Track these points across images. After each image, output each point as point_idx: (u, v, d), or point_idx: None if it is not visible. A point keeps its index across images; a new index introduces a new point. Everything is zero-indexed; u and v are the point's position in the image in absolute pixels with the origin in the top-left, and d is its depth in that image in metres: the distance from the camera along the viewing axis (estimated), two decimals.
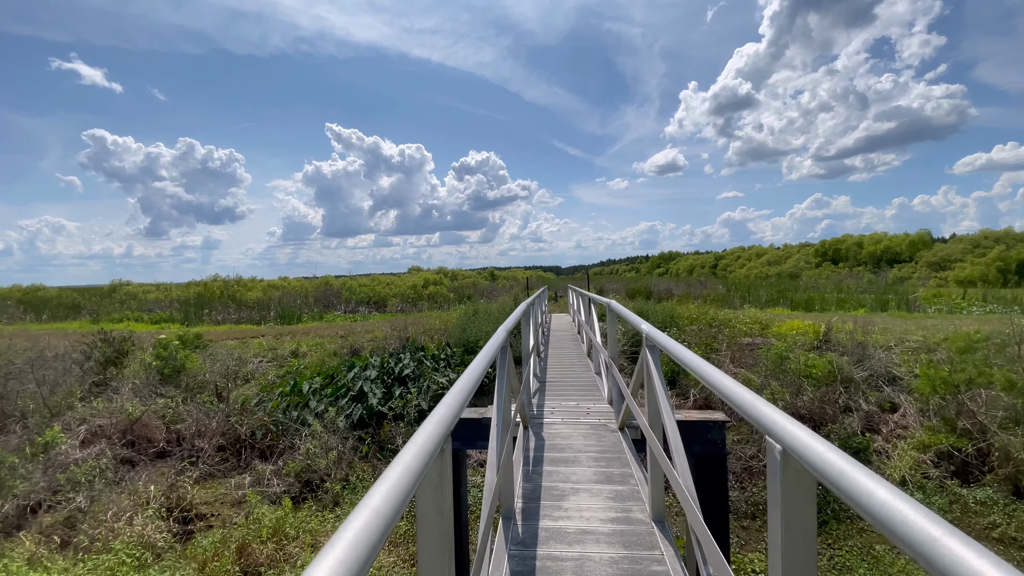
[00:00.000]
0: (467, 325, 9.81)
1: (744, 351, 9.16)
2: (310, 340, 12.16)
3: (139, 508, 5.73)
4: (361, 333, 12.97)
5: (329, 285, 31.14)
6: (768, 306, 18.41)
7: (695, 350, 9.27)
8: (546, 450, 3.87)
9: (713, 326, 10.31)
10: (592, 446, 3.94)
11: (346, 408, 7.61)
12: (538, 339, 7.43)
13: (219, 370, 9.34)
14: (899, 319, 13.90)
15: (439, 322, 12.54)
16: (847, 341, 9.26)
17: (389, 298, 26.41)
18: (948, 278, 35.77)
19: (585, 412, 4.85)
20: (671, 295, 26.12)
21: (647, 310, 10.08)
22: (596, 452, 3.81)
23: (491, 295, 27.80)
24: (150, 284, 32.24)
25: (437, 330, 11.85)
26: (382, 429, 7.58)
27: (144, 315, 21.38)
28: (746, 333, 10.07)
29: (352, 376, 8.34)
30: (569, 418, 4.68)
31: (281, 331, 15.29)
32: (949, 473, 6.74)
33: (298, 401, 8.10)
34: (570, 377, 6.46)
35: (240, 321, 21.78)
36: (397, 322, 14.47)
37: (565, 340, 9.76)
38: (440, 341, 10.13)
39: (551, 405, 5.12)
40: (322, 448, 6.81)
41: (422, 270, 48.07)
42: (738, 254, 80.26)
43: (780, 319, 11.86)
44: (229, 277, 34.86)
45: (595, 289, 27.58)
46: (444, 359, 9.11)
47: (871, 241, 53.58)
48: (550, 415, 4.78)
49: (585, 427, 4.40)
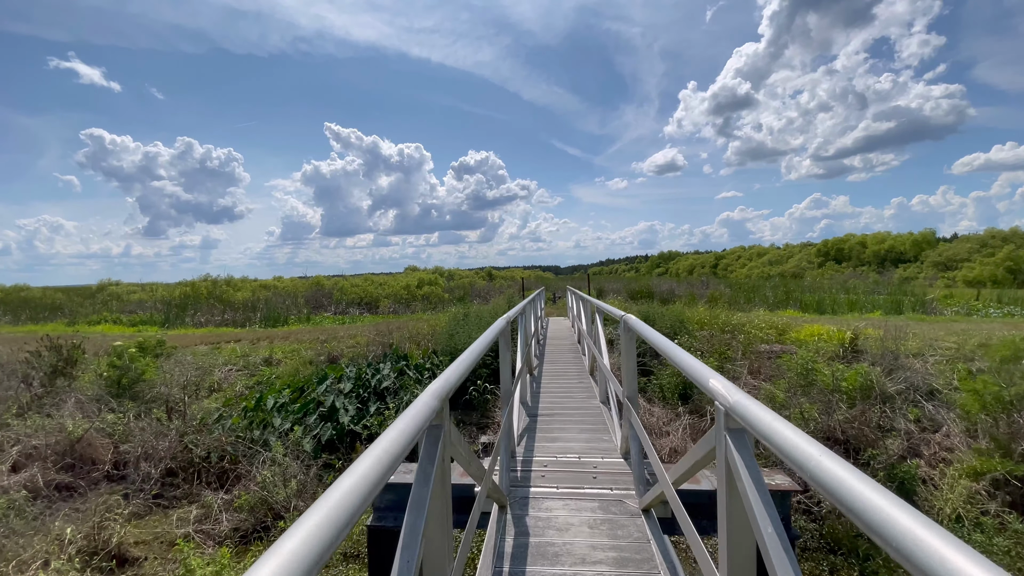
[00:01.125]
0: (455, 330, 8.90)
1: (762, 360, 8.25)
2: (286, 346, 11.22)
3: (53, 553, 4.80)
4: (344, 338, 12.04)
5: (320, 285, 30.18)
6: (777, 308, 17.52)
7: (709, 360, 8.34)
8: (530, 557, 2.51)
9: (726, 331, 9.40)
10: (604, 546, 2.59)
11: (314, 427, 6.68)
12: (529, 358, 6.51)
13: (177, 381, 8.40)
14: (919, 322, 13.01)
15: (427, 326, 11.62)
16: (876, 349, 8.36)
17: (381, 299, 25.48)
18: (956, 278, 34.93)
19: (591, 475, 3.55)
20: (674, 296, 25.21)
21: (653, 314, 9.17)
22: (611, 560, 2.48)
23: (488, 296, 26.88)
24: (135, 284, 31.23)
25: (425, 335, 10.92)
26: (355, 452, 6.65)
27: (123, 317, 20.40)
28: (762, 339, 9.15)
29: (323, 389, 7.41)
30: (568, 485, 3.37)
31: (262, 335, 14.35)
32: (1005, 504, 5.85)
33: (263, 418, 7.17)
34: (569, 407, 5.38)
35: (224, 323, 20.83)
36: (383, 326, 13.55)
37: (564, 351, 8.86)
38: (426, 348, 9.20)
39: (542, 458, 3.89)
40: (281, 476, 5.88)
41: (418, 269, 47.11)
42: (738, 254, 79.46)
43: (796, 323, 10.95)
44: (220, 277, 33.91)
45: (595, 290, 26.67)
46: (429, 369, 8.19)
47: (875, 240, 52.73)
48: (539, 481, 3.45)
49: (590, 504, 3.09)
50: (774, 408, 6.72)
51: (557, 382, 6.50)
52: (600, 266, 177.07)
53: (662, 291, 26.89)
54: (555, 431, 4.62)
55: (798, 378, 7.21)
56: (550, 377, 6.75)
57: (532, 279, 47.81)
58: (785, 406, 6.46)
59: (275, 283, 36.07)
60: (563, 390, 6.07)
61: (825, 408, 6.60)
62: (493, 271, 56.78)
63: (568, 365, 7.53)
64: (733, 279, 48.08)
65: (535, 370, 7.11)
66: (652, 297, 25.09)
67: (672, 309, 9.82)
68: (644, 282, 32.83)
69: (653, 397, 7.39)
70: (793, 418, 6.19)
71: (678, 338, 8.24)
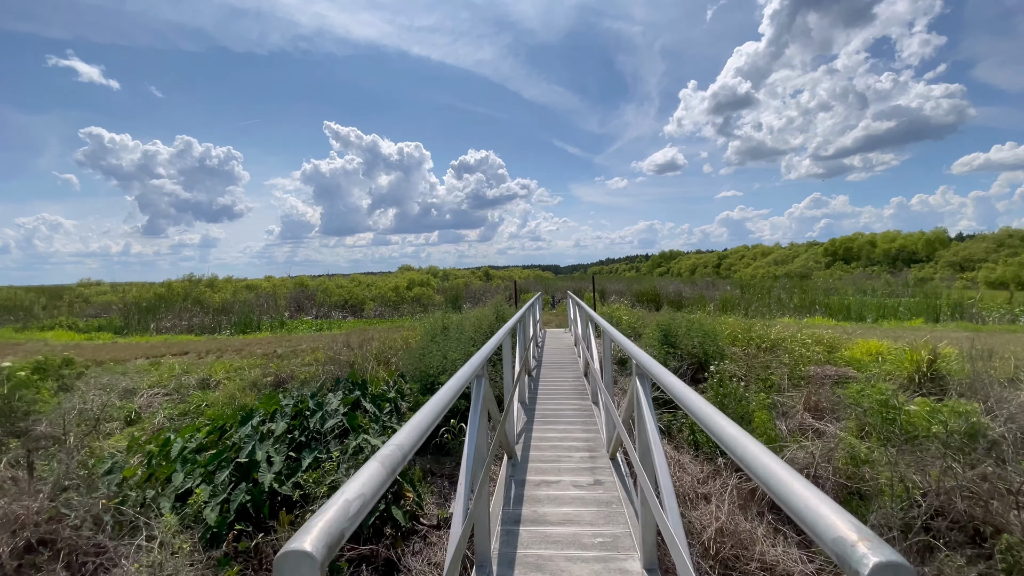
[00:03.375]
0: (428, 350, 7.05)
1: (815, 388, 6.47)
2: (232, 362, 9.42)
3: None
4: (305, 351, 10.26)
5: (304, 286, 28.35)
6: (799, 314, 15.75)
7: (754, 392, 6.37)
8: None
9: (763, 347, 7.63)
10: None
11: (221, 489, 4.89)
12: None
13: (70, 414, 6.59)
14: (973, 332, 11.24)
15: (402, 338, 9.83)
16: (960, 373, 6.60)
17: (367, 301, 23.68)
18: (977, 279, 33.16)
19: None
20: (682, 298, 23.43)
21: (676, 330, 7.33)
22: None
23: (483, 298, 25.07)
24: (106, 284, 29.32)
25: (399, 349, 9.14)
26: (279, 523, 4.86)
27: (80, 322, 18.58)
28: (808, 359, 7.38)
29: (246, 432, 5.61)
30: None
31: (221, 345, 12.55)
32: None
33: (166, 471, 5.38)
34: (576, 520, 3.06)
35: (192, 329, 19.01)
36: (356, 335, 11.75)
37: (564, 392, 6.26)
38: (392, 371, 7.40)
39: None
40: (157, 572, 4.09)
41: (412, 269, 45.22)
42: (742, 253, 77.70)
43: (835, 334, 9.14)
44: (203, 277, 32.08)
45: (598, 292, 24.90)
46: (391, 400, 6.39)
47: (885, 240, 50.98)
48: None
49: None
50: (855, 466, 4.94)
51: (554, 454, 4.18)
52: (600, 265, 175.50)
53: (668, 293, 25.11)
54: None
55: (873, 417, 5.44)
56: (542, 445, 4.38)
57: (531, 279, 45.91)
58: (872, 464, 4.68)
59: (260, 283, 34.23)
60: (563, 471, 3.84)
61: (919, 466, 4.82)
62: (490, 270, 54.95)
63: (569, 412, 5.30)
64: (738, 279, 46.33)
65: (518, 427, 4.91)
66: (659, 300, 23.31)
67: (697, 321, 8.02)
68: (648, 283, 31.05)
69: (682, 443, 5.57)
70: (896, 490, 4.40)
71: (715, 363, 6.45)
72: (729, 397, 5.36)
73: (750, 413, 5.23)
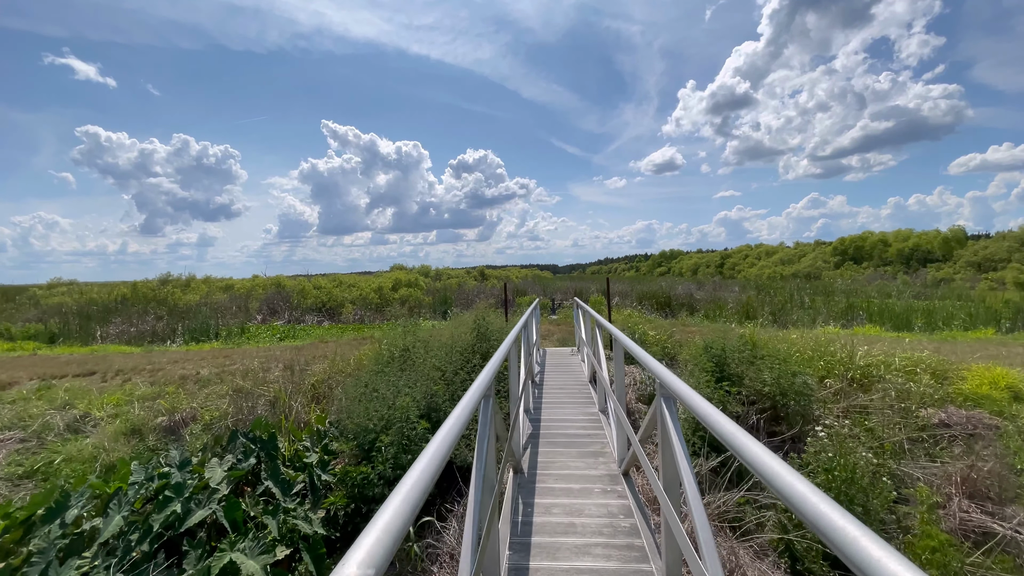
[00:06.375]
0: (375, 389, 4.65)
1: (965, 451, 4.24)
2: (132, 389, 7.14)
3: None
4: (237, 372, 7.99)
5: (281, 287, 26.02)
6: (844, 321, 13.54)
7: (873, 461, 4.03)
8: None
9: (850, 377, 5.40)
10: None
11: None
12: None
13: None
14: None
15: (356, 358, 7.56)
16: None
17: (346, 304, 21.40)
18: (1005, 280, 31.03)
19: None
20: (694, 301, 21.22)
21: (731, 354, 4.95)
22: None
23: (474, 300, 22.81)
24: (64, 284, 26.94)
25: (347, 375, 6.89)
26: None
27: (13, 328, 16.26)
28: (920, 397, 5.17)
29: (54, 532, 3.38)
30: None
31: (151, 360, 10.25)
32: None
33: None
34: None
35: (143, 336, 16.71)
36: (311, 350, 9.48)
37: (572, 441, 4.43)
38: (323, 415, 5.13)
39: None
40: None
41: (404, 268, 42.87)
42: (745, 252, 75.48)
43: (952, 359, 6.92)
44: (181, 276, 29.72)
45: (599, 294, 22.63)
46: (304, 469, 4.14)
47: (898, 238, 48.83)
48: None
49: None
50: None
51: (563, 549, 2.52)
52: (598, 265, 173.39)
53: (678, 295, 22.88)
54: None
55: None
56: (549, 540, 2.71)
57: (529, 278, 43.18)
58: None
59: (237, 284, 31.86)
60: None
61: None
62: (486, 270, 52.54)
63: (577, 480, 3.46)
64: (743, 279, 44.19)
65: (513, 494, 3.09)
66: (670, 303, 21.08)
67: (764, 343, 5.72)
68: (652, 284, 28.81)
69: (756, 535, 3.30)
70: None
71: (793, 403, 4.19)
72: (854, 485, 3.13)
73: (900, 520, 3.01)
